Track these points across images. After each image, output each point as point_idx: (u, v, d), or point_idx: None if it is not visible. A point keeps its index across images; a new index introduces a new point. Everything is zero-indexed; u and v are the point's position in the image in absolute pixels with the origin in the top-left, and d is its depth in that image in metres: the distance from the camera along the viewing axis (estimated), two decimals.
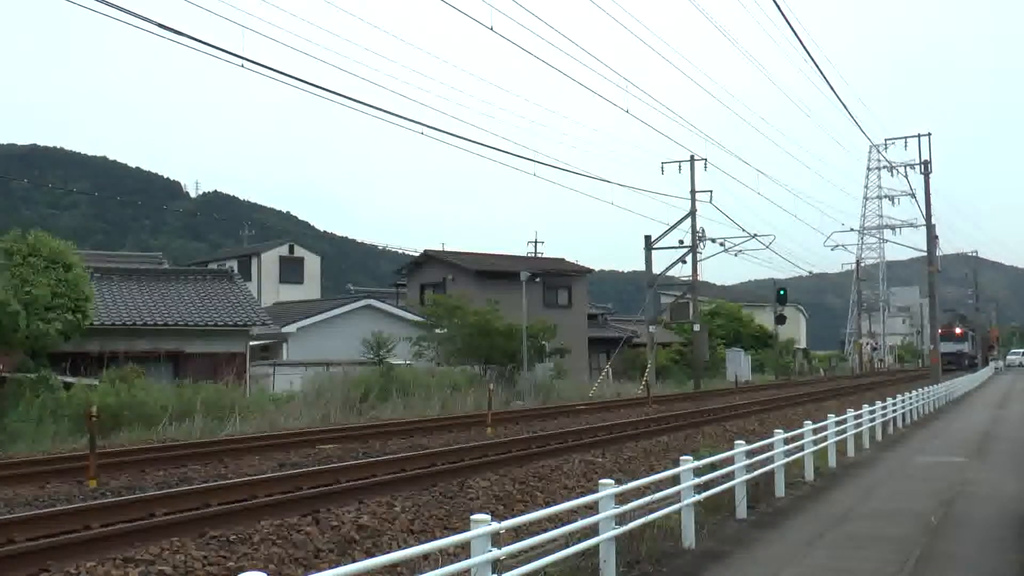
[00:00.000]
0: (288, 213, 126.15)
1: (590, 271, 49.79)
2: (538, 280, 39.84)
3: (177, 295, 29.31)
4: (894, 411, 22.64)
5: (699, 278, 47.32)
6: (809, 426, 14.34)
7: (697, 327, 45.67)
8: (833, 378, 62.00)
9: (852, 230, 74.82)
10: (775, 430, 13.20)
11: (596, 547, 7.33)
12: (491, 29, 19.37)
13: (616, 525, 7.50)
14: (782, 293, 53.63)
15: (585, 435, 18.33)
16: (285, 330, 34.54)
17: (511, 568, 5.99)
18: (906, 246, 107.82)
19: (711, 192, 48.98)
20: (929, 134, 47.13)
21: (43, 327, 20.85)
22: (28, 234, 22.31)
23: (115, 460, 13.81)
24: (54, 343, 21.73)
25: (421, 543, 5.92)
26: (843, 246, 66.15)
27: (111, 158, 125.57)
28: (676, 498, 9.00)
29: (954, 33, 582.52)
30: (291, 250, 58.22)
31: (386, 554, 5.29)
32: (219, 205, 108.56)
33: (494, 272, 41.32)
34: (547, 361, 36.82)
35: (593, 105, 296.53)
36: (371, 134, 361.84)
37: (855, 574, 8.10)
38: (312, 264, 58.82)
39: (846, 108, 70.02)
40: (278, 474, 12.25)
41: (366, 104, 25.88)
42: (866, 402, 21.87)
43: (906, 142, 50.31)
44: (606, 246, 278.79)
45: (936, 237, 46.40)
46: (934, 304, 48.03)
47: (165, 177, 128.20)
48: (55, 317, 21.16)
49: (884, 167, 70.55)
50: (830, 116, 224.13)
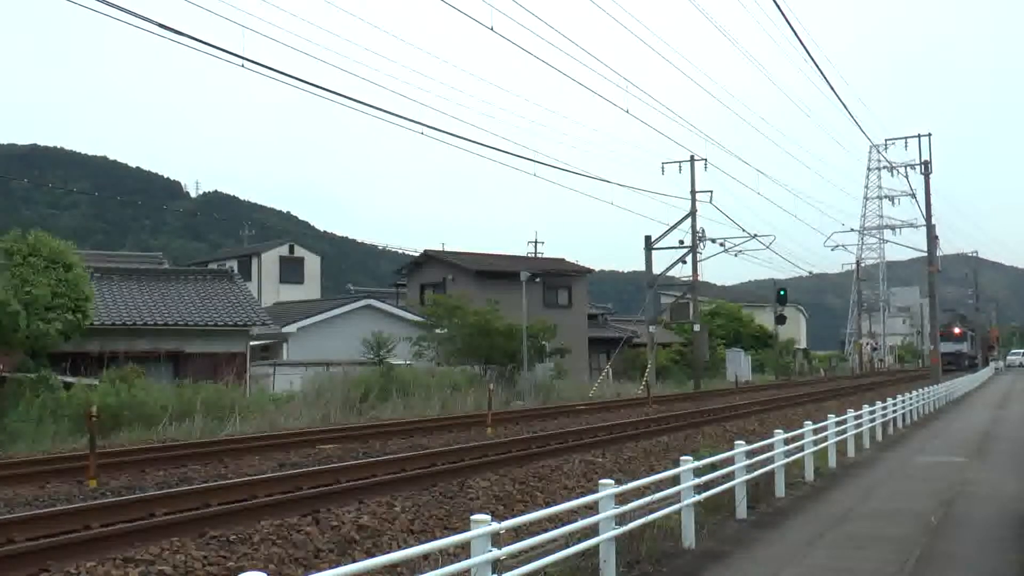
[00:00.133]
0: (288, 213, 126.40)
1: (590, 271, 49.81)
2: (538, 280, 39.83)
3: (177, 295, 29.31)
4: (894, 411, 22.64)
5: (699, 278, 47.34)
6: (809, 426, 14.34)
7: (697, 327, 45.68)
8: (833, 378, 62.00)
9: (852, 230, 75.06)
10: (775, 430, 13.21)
11: (596, 547, 7.33)
12: (491, 29, 19.41)
13: (616, 525, 7.50)
14: (782, 293, 53.63)
15: (585, 435, 18.33)
16: (285, 330, 34.56)
17: (511, 568, 5.99)
18: (906, 246, 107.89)
19: (711, 192, 49.21)
20: (929, 134, 47.27)
21: (43, 327, 20.86)
22: (28, 234, 22.32)
23: (115, 460, 13.81)
24: (54, 343, 21.73)
25: (421, 543, 5.92)
26: (843, 246, 66.38)
27: (111, 158, 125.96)
28: (676, 498, 9.00)
29: (954, 33, 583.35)
30: (291, 250, 58.24)
31: (386, 554, 5.30)
32: (219, 205, 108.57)
33: (494, 272, 41.33)
34: (547, 361, 36.81)
35: (593, 105, 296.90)
36: (371, 134, 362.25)
37: (855, 574, 8.10)
38: (312, 264, 58.84)
39: (846, 108, 70.13)
40: (278, 474, 12.25)
41: (366, 104, 25.91)
42: (866, 402, 21.86)
43: (906, 142, 50.44)
44: (606, 246, 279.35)
45: (936, 237, 46.44)
46: (934, 304, 48.06)
47: (165, 177, 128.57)
48: (55, 317, 21.17)
49: (884, 167, 70.73)
50: (830, 116, 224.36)
